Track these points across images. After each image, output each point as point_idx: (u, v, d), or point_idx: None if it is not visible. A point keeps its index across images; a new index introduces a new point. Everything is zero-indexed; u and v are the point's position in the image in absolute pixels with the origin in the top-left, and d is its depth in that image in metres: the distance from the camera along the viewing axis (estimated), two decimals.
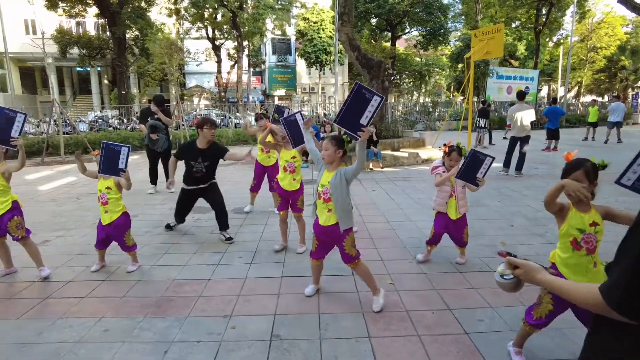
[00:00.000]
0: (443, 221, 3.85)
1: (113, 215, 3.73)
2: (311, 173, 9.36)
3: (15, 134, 3.50)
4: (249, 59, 30.16)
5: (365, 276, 3.11)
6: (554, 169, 9.60)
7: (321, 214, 3.04)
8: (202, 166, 4.59)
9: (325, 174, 3.04)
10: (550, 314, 2.29)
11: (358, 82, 2.87)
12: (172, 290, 3.41)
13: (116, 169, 3.63)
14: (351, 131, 2.81)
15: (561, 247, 2.27)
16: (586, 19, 33.14)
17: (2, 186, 3.53)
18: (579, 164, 2.17)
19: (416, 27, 26.85)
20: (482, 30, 12.34)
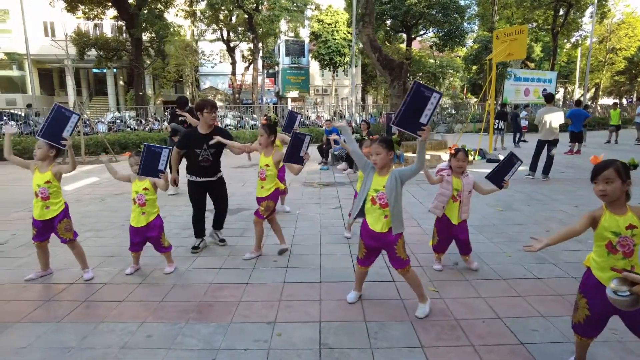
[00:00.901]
0: (446, 225, 3.77)
1: (150, 216, 3.70)
2: (333, 176, 9.29)
3: (67, 134, 3.48)
4: (263, 60, 30.21)
5: (415, 283, 3.01)
6: (581, 173, 9.38)
7: (377, 220, 2.90)
8: (208, 154, 4.24)
9: (375, 178, 2.92)
10: (588, 320, 2.20)
11: (417, 81, 2.78)
12: (210, 295, 3.34)
13: (156, 171, 3.57)
14: (411, 131, 2.72)
15: (596, 250, 2.17)
16: (606, 20, 32.57)
17: (56, 187, 3.52)
18: (609, 163, 2.09)
19: (432, 29, 26.63)
20: (504, 31, 12.16)
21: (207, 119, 4.19)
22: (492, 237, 4.86)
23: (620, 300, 1.26)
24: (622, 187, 2.05)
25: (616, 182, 2.04)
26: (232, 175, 9.41)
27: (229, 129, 18.14)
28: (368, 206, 2.93)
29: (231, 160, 11.80)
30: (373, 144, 2.92)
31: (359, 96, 35.29)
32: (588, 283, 2.20)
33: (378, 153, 2.85)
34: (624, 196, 2.09)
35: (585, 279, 2.24)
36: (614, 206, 2.11)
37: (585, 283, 2.22)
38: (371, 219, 2.93)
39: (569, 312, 3.01)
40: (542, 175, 8.57)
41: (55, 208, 3.50)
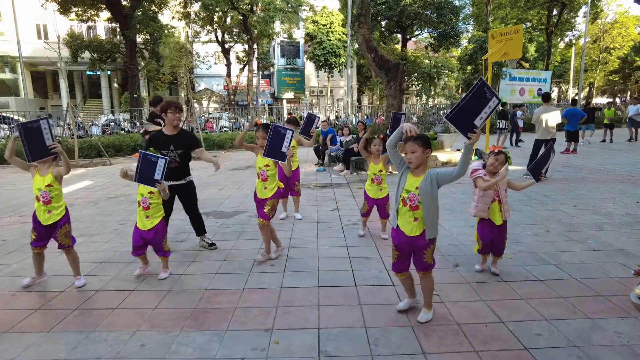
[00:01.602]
0: (489, 228, 3.63)
1: (154, 220, 3.65)
2: (329, 177, 9.21)
3: (50, 141, 3.39)
4: (258, 62, 30.14)
5: (429, 288, 2.94)
6: (578, 172, 9.36)
7: (407, 223, 2.77)
8: (176, 155, 4.18)
9: (409, 178, 2.76)
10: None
11: (482, 78, 2.62)
12: (206, 301, 3.26)
13: (152, 180, 3.49)
14: (462, 131, 2.56)
15: None
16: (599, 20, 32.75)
17: (57, 190, 3.45)
18: None
19: (427, 29, 26.63)
20: (500, 31, 12.13)
21: (171, 119, 4.16)
22: None
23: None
24: None
25: None
26: (228, 177, 9.34)
27: (224, 131, 18.06)
28: (400, 207, 2.80)
29: (229, 162, 11.72)
30: (408, 142, 2.70)
31: (355, 97, 35.28)
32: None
33: (413, 151, 2.66)
34: None
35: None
36: None
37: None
38: (402, 221, 2.80)
39: (572, 316, 2.97)
40: None
41: (58, 212, 3.43)
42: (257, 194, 4.07)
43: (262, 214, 4.06)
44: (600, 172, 9.39)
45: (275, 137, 3.76)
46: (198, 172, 10.10)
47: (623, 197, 6.79)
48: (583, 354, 2.50)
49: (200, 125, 14.58)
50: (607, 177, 8.75)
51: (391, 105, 11.25)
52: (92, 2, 21.32)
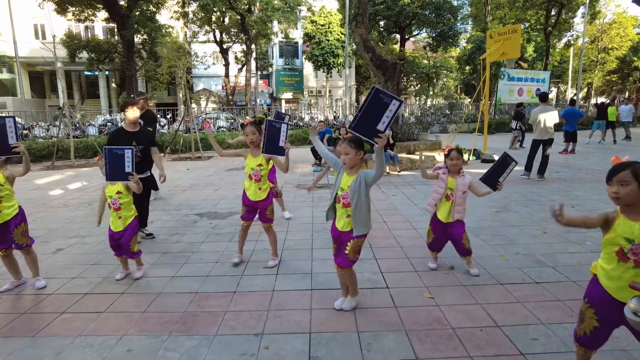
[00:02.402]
0: (435, 224, 3.77)
1: (127, 220, 3.61)
2: (326, 177, 9.14)
3: (13, 140, 3.30)
4: (257, 62, 30.05)
5: (351, 281, 3.04)
6: (576, 172, 9.31)
7: (340, 218, 2.94)
8: (138, 150, 4.51)
9: (345, 177, 2.90)
10: (596, 331, 2.03)
11: (375, 86, 2.67)
12: (196, 304, 3.19)
13: (124, 174, 3.44)
14: (368, 137, 2.62)
15: (605, 257, 1.98)
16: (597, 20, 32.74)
17: (8, 190, 3.35)
18: (627, 165, 1.94)
19: (426, 29, 26.55)
20: (498, 30, 12.08)
21: (129, 115, 4.52)
22: (488, 239, 4.74)
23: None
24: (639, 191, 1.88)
25: (632, 185, 1.87)
26: (224, 177, 9.27)
27: (221, 131, 17.97)
28: (337, 205, 2.94)
29: (225, 163, 11.65)
30: (343, 144, 2.83)
31: (353, 97, 35.22)
32: (595, 293, 2.04)
33: (347, 153, 2.80)
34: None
35: (591, 288, 2.07)
36: (629, 211, 1.93)
37: (592, 293, 2.06)
38: (337, 216, 2.96)
39: (570, 319, 2.91)
40: (537, 175, 8.49)
41: (9, 212, 3.34)
42: (250, 196, 3.90)
43: (264, 218, 3.97)
44: (598, 172, 9.33)
45: (271, 132, 3.65)
46: (195, 172, 10.04)
47: None
48: None
49: (197, 126, 14.50)
50: (604, 177, 8.68)
51: None
52: (89, 2, 21.23)
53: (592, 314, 2.03)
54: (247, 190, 3.91)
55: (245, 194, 3.93)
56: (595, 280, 2.06)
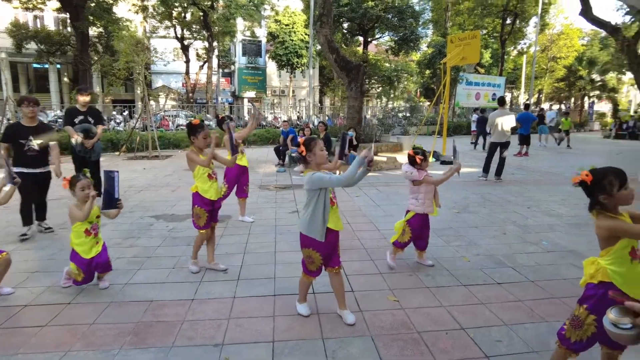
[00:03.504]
0: (423, 222, 3.86)
1: (100, 242, 3.37)
2: (289, 178, 9.02)
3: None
4: (219, 59, 29.42)
5: (300, 286, 3.02)
6: (530, 174, 9.72)
7: (336, 220, 2.83)
8: (34, 144, 4.66)
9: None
10: (593, 337, 2.04)
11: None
12: (151, 314, 2.98)
13: (113, 201, 3.17)
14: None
15: (616, 261, 1.96)
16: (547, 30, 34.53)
17: None
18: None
19: (388, 33, 26.99)
20: (459, 36, 12.43)
21: (26, 112, 4.68)
22: (450, 240, 4.80)
23: (623, 335, 1.07)
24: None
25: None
26: (182, 177, 8.89)
27: (180, 129, 17.40)
28: (333, 207, 2.85)
29: (184, 162, 11.24)
30: (319, 142, 2.86)
31: (317, 98, 35.25)
32: (605, 301, 1.92)
33: (322, 149, 2.82)
34: None
35: (599, 297, 1.99)
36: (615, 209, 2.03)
37: (601, 301, 1.96)
38: (333, 220, 2.82)
39: (530, 320, 2.96)
40: (494, 177, 8.76)
41: None
42: (214, 195, 3.74)
43: (216, 217, 3.86)
44: (549, 174, 9.78)
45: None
46: (152, 172, 9.62)
47: (571, 199, 7.06)
48: (542, 359, 2.47)
49: (155, 123, 13.95)
50: (556, 179, 9.12)
51: (352, 106, 11.22)
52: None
53: (593, 320, 1.99)
54: (210, 190, 3.71)
55: (205, 198, 3.71)
56: (599, 286, 1.99)
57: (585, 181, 2.01)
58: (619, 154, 14.51)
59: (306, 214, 2.79)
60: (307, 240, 2.82)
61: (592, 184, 1.99)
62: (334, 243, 2.89)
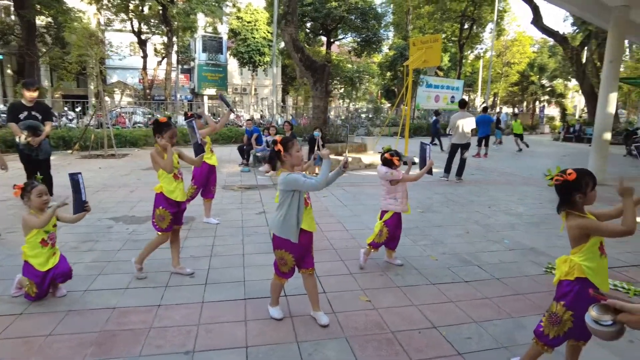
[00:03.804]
0: (399, 221, 3.94)
1: (57, 252, 3.14)
2: (254, 178, 8.88)
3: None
4: (178, 55, 28.56)
5: (272, 288, 2.96)
6: (489, 174, 10.10)
7: (310, 220, 2.81)
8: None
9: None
10: (569, 332, 2.12)
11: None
12: (114, 322, 2.81)
13: (81, 203, 2.94)
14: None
15: (588, 257, 2.06)
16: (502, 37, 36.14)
17: None
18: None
19: (351, 34, 27.27)
20: (421, 39, 12.69)
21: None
22: (417, 239, 4.88)
23: (604, 332, 1.12)
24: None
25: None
26: (141, 177, 8.54)
27: (138, 127, 16.78)
28: (308, 208, 2.84)
29: (142, 161, 10.82)
30: (296, 143, 2.84)
31: (279, 97, 35.01)
32: (582, 298, 2.04)
33: (298, 150, 2.81)
34: None
35: (576, 292, 2.07)
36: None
37: (578, 298, 2.06)
38: (307, 220, 2.80)
39: (498, 316, 3.04)
40: (455, 177, 9.04)
41: None
42: (180, 196, 3.57)
43: (181, 220, 3.71)
44: (507, 174, 10.22)
45: (191, 132, 3.60)
46: (109, 171, 9.18)
47: (528, 198, 7.40)
48: (511, 354, 2.55)
49: (111, 120, 13.33)
50: (513, 179, 9.54)
51: (317, 106, 11.21)
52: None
53: (570, 316, 2.08)
54: (176, 190, 3.55)
55: (171, 199, 3.54)
56: (580, 283, 2.07)
57: (567, 180, 2.08)
58: (566, 156, 15.40)
59: (279, 215, 2.73)
60: (280, 242, 2.76)
61: (573, 183, 2.07)
62: (307, 244, 2.85)
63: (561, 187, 2.11)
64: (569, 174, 2.08)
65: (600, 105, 9.10)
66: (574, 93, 44.22)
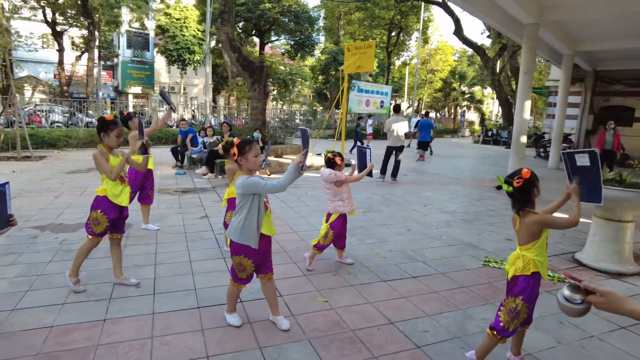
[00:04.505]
0: (344, 222, 4.02)
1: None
2: (191, 181, 8.54)
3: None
4: (100, 51, 26.57)
5: (229, 295, 2.89)
6: (421, 175, 10.66)
7: (270, 224, 2.78)
8: None
9: None
10: (524, 321, 2.34)
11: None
12: (54, 343, 2.54)
13: (6, 218, 2.45)
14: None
15: (539, 251, 2.28)
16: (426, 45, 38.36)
17: None
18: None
19: (284, 36, 27.31)
20: (355, 45, 13.05)
21: None
22: (363, 239, 5.01)
23: (573, 309, 1.25)
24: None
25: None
26: (65, 182, 7.83)
27: (56, 126, 15.39)
28: (267, 212, 2.79)
29: (65, 164, 9.91)
30: (255, 146, 2.77)
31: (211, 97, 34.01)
32: (535, 290, 2.30)
33: (256, 155, 2.75)
34: None
35: (532, 286, 2.27)
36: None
37: (533, 290, 2.28)
38: (267, 224, 2.75)
39: (448, 309, 3.22)
40: (391, 178, 9.42)
41: None
42: (125, 201, 3.33)
43: (123, 228, 3.46)
44: (437, 175, 10.86)
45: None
46: (26, 175, 8.29)
47: (459, 197, 7.92)
48: (464, 344, 2.71)
49: (24, 119, 12.05)
50: (444, 180, 10.17)
51: (255, 107, 11.07)
52: None
53: (526, 308, 2.28)
54: (122, 195, 3.30)
55: (114, 203, 3.28)
56: (534, 278, 2.27)
57: (525, 179, 2.25)
58: (487, 157, 16.75)
59: (238, 220, 2.66)
60: (238, 248, 2.69)
61: (530, 180, 2.26)
62: (266, 249, 2.81)
63: (521, 188, 2.27)
64: (525, 173, 2.26)
65: (518, 111, 10.02)
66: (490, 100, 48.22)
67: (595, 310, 2.95)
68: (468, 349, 2.60)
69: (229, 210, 4.03)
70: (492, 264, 4.28)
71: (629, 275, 4.14)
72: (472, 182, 9.98)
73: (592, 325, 3.06)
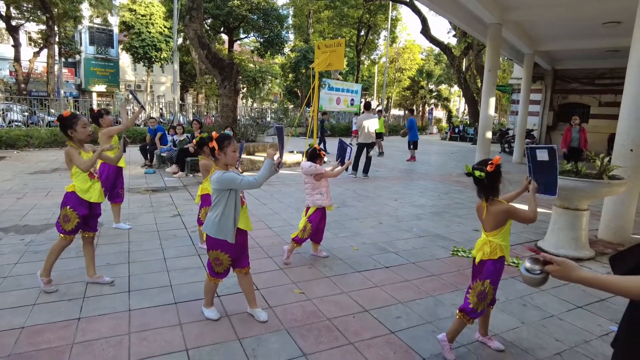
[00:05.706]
0: (323, 215, 4.10)
1: None
2: (162, 180, 8.41)
3: None
4: (60, 47, 25.54)
5: (206, 289, 2.91)
6: (391, 171, 10.89)
7: (246, 219, 2.83)
8: None
9: None
10: (490, 302, 2.48)
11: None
12: (26, 343, 2.49)
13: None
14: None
15: (504, 236, 2.44)
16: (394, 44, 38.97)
17: None
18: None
19: (253, 34, 27.10)
20: (325, 43, 13.14)
21: None
22: (337, 232, 5.11)
23: (533, 279, 1.38)
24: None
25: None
26: (28, 182, 7.54)
27: (15, 126, 14.73)
28: (243, 207, 2.82)
29: (24, 165, 9.53)
30: (233, 142, 2.81)
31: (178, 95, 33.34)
32: (501, 273, 2.47)
33: (234, 150, 2.79)
34: None
35: (498, 270, 2.44)
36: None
37: (499, 273, 2.45)
38: (243, 219, 2.80)
39: (419, 296, 3.36)
40: (362, 174, 9.59)
41: None
42: (95, 197, 3.26)
43: (95, 226, 3.41)
44: (406, 171, 11.12)
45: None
46: None
47: (428, 191, 8.16)
48: (436, 328, 2.85)
49: None
50: (412, 175, 10.42)
51: (226, 105, 10.98)
52: None
53: (492, 289, 2.43)
54: (94, 192, 3.25)
55: (83, 199, 3.22)
56: (500, 262, 2.43)
57: (498, 164, 2.40)
58: (454, 153, 17.25)
59: (215, 215, 2.68)
60: (215, 243, 2.72)
61: (500, 168, 2.40)
62: (243, 244, 2.85)
63: (492, 173, 2.39)
64: (497, 159, 2.41)
65: (483, 108, 10.40)
66: (457, 97, 49.53)
67: (556, 292, 3.19)
68: (439, 332, 2.73)
69: (203, 207, 4.02)
70: (460, 253, 4.47)
71: (585, 260, 4.42)
72: (441, 177, 10.29)
73: (552, 305, 3.27)
